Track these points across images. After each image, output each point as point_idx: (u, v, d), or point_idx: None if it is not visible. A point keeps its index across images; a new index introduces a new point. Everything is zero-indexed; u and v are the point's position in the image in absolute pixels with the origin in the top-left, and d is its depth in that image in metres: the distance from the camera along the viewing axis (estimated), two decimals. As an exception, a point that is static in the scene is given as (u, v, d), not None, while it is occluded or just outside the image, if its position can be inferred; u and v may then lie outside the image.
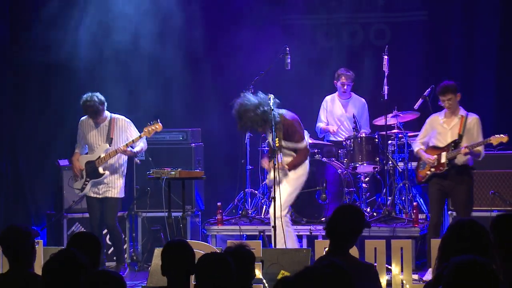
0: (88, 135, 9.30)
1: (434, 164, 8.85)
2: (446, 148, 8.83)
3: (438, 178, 8.87)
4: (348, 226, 5.24)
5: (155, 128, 9.23)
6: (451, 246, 4.45)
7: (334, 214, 5.34)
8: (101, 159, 9.20)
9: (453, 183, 8.79)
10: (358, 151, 10.16)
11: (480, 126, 8.84)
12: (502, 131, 9.54)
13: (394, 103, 10.26)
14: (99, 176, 9.26)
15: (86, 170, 9.30)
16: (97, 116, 9.19)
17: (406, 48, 11.74)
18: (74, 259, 4.40)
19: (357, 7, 12.06)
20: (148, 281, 7.76)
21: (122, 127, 9.32)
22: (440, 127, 8.91)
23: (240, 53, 11.72)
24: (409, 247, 8.02)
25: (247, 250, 5.27)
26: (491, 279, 3.50)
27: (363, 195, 10.23)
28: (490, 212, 9.73)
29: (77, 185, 9.42)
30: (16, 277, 5.19)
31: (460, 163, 8.77)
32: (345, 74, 10.72)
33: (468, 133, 8.77)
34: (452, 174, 8.78)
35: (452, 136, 8.82)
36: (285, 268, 7.50)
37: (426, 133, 9.07)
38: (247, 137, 10.48)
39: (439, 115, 8.99)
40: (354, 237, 5.31)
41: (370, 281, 5.17)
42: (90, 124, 9.31)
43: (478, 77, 11.57)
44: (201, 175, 9.46)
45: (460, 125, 8.79)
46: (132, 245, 10.59)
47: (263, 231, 9.68)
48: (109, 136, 9.23)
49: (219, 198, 10.54)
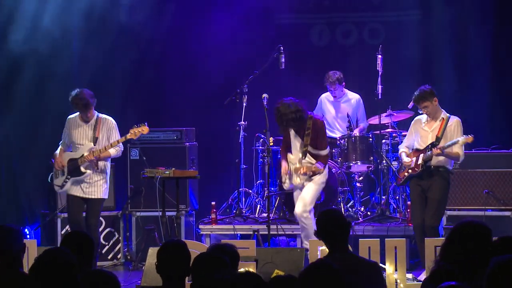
0: (73, 132, 9.12)
1: (411, 166, 8.86)
2: (424, 150, 8.81)
3: (416, 179, 8.81)
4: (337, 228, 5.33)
5: (141, 130, 9.07)
6: (455, 246, 4.47)
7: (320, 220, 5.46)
8: (84, 158, 9.04)
9: (429, 182, 8.74)
10: (352, 150, 10.18)
11: (461, 128, 8.75)
12: (495, 131, 9.60)
13: (388, 103, 10.27)
14: (80, 174, 9.05)
15: (68, 167, 9.11)
16: (87, 110, 8.99)
17: (400, 47, 11.75)
18: (61, 258, 4.37)
19: (351, 6, 12.07)
20: (142, 280, 7.76)
21: (109, 128, 9.16)
22: (422, 130, 8.89)
23: (234, 52, 11.73)
24: (403, 246, 8.02)
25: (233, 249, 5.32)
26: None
27: (357, 194, 10.24)
28: (484, 211, 9.75)
29: (57, 182, 9.20)
30: (6, 277, 5.16)
31: (434, 163, 8.74)
32: (327, 80, 10.65)
33: (447, 135, 8.73)
34: (426, 174, 8.74)
35: (432, 138, 8.79)
36: (279, 267, 7.51)
37: (411, 136, 9.05)
38: (241, 136, 10.49)
39: (422, 118, 8.95)
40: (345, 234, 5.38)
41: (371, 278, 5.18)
42: (77, 122, 9.16)
43: (472, 77, 11.58)
44: (195, 174, 9.46)
45: (440, 128, 8.77)
46: (126, 245, 10.59)
47: (257, 231, 9.68)
48: (94, 135, 9.08)
49: (213, 198, 10.53)
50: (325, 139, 8.96)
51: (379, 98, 10.16)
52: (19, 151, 11.18)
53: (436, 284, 4.03)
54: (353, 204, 10.34)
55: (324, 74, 10.88)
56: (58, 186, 9.21)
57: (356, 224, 9.67)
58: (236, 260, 5.31)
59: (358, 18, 12.13)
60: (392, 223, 9.76)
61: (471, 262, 4.34)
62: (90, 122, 9.11)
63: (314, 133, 8.82)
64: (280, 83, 11.13)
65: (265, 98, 9.60)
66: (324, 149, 8.89)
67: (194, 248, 7.04)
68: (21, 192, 11.19)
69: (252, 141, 10.64)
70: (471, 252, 4.34)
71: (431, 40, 11.81)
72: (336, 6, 12.07)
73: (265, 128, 9.24)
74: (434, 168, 8.73)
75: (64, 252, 4.44)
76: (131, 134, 9.08)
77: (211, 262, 4.64)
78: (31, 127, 11.18)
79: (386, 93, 10.21)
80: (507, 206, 9.86)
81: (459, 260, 4.42)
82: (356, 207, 10.22)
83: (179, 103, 11.88)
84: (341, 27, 12.17)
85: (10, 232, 5.29)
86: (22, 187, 11.19)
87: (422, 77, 11.06)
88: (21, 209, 11.18)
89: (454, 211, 9.88)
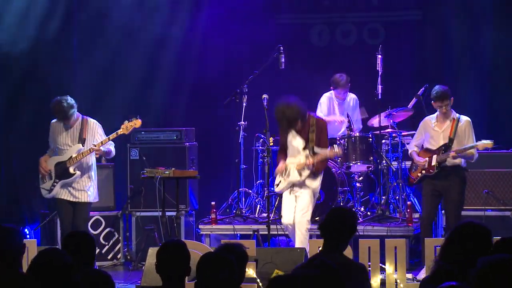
0: (58, 137, 9.02)
1: (424, 167, 8.92)
2: (437, 151, 8.89)
3: (430, 179, 8.95)
4: (342, 227, 5.35)
5: (133, 124, 8.94)
6: (454, 246, 4.48)
7: (329, 215, 5.44)
8: (72, 159, 8.91)
9: (445, 184, 8.86)
10: (352, 150, 10.18)
11: (472, 129, 8.89)
12: (495, 131, 9.59)
13: (388, 103, 10.27)
14: (70, 176, 8.94)
15: (56, 171, 9.01)
16: (67, 119, 8.90)
17: (400, 47, 11.75)
18: (57, 258, 4.37)
19: (350, 6, 12.07)
20: (142, 280, 7.75)
21: (92, 129, 9.07)
22: (432, 131, 8.97)
23: (234, 52, 11.73)
24: (403, 246, 8.03)
25: (242, 250, 5.31)
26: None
27: (357, 195, 10.24)
28: (484, 211, 9.75)
29: (45, 186, 9.11)
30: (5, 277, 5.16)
31: (450, 164, 8.84)
32: (342, 84, 10.57)
33: (459, 136, 8.82)
34: (442, 175, 8.87)
35: (444, 139, 8.88)
36: (279, 267, 7.50)
37: (420, 136, 9.15)
38: (241, 136, 10.49)
39: (431, 118, 9.02)
40: (348, 238, 5.42)
41: (358, 281, 5.20)
42: (60, 126, 9.08)
43: (472, 77, 11.58)
44: (195, 174, 9.46)
45: (451, 128, 8.85)
46: (126, 245, 10.59)
47: (257, 230, 9.68)
48: (81, 136, 8.96)
49: (213, 198, 10.53)
50: (327, 138, 8.91)
51: (379, 98, 10.16)
52: (19, 151, 11.17)
53: (436, 284, 4.03)
54: (353, 204, 10.33)
55: (324, 74, 10.88)
56: (46, 191, 9.08)
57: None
58: (243, 260, 5.31)
59: (358, 18, 12.13)
60: (392, 223, 9.76)
61: (471, 262, 4.33)
62: (75, 125, 9.00)
63: (318, 131, 8.75)
64: (280, 83, 11.13)
65: (265, 99, 9.59)
66: (326, 148, 8.84)
67: (194, 248, 7.04)
68: (21, 192, 11.18)
69: (252, 141, 10.63)
70: (471, 252, 4.35)
71: (431, 40, 11.81)
72: (336, 6, 12.07)
73: (265, 128, 9.22)
74: (450, 168, 8.82)
75: (60, 253, 4.43)
76: (122, 129, 8.93)
77: (216, 262, 4.63)
78: (32, 127, 11.17)
79: (386, 93, 10.21)
80: (507, 206, 9.87)
81: (459, 260, 4.43)
82: (356, 207, 10.21)
83: (179, 103, 11.87)
84: (341, 27, 12.17)
85: (10, 232, 5.29)
86: (22, 187, 11.18)
87: (422, 77, 11.07)
88: (21, 209, 11.17)
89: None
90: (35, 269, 4.34)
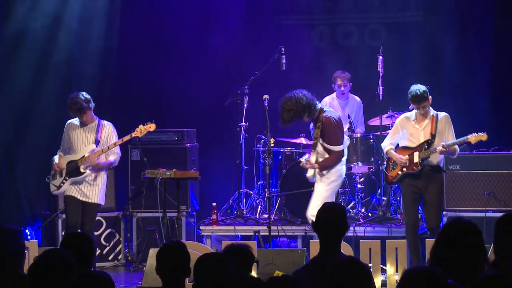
0: (73, 136, 9.07)
1: (406, 164, 8.78)
2: (418, 148, 8.70)
3: (410, 178, 8.71)
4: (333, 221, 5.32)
5: (148, 127, 9.05)
6: (445, 246, 4.42)
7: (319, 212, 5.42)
8: (84, 158, 8.96)
9: (425, 182, 8.66)
10: (353, 152, 10.17)
11: (451, 124, 8.71)
12: (497, 132, 9.56)
13: (389, 104, 10.26)
14: (80, 174, 8.98)
15: (67, 169, 9.06)
16: (82, 113, 8.94)
17: (401, 48, 11.74)
18: (59, 258, 4.36)
19: (352, 8, 12.07)
20: (143, 281, 7.76)
21: (107, 131, 9.10)
22: (412, 128, 8.76)
23: (235, 53, 11.73)
24: (404, 247, 8.04)
25: (248, 250, 5.33)
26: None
27: (358, 196, 10.24)
28: (485, 212, 9.74)
29: (55, 182, 9.13)
30: (6, 278, 5.16)
31: (433, 162, 8.71)
32: (340, 76, 10.71)
33: (440, 132, 8.69)
34: (424, 173, 8.65)
35: (425, 136, 8.68)
36: (280, 268, 7.51)
37: (396, 133, 8.89)
38: (242, 137, 10.49)
39: (410, 115, 8.83)
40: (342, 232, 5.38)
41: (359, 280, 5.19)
42: (76, 126, 9.13)
43: (473, 78, 11.58)
44: (196, 175, 9.46)
45: (432, 125, 8.68)
46: (127, 246, 10.59)
47: (258, 231, 9.69)
48: (96, 138, 9.04)
49: (214, 199, 10.54)
50: (334, 135, 8.62)
51: (380, 99, 10.15)
52: (20, 151, 11.18)
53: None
54: (354, 205, 10.34)
55: (325, 76, 10.89)
56: (56, 187, 9.13)
57: (357, 225, 9.67)
58: (249, 261, 5.32)
59: (359, 19, 12.12)
60: (393, 224, 9.76)
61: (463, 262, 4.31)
62: (90, 126, 9.07)
63: (324, 127, 8.63)
64: (281, 84, 11.12)
65: (266, 99, 9.59)
66: (334, 145, 8.60)
67: (195, 249, 7.05)
68: (22, 193, 11.18)
69: (253, 142, 10.64)
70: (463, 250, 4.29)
71: (431, 41, 11.80)
72: (337, 7, 12.07)
73: (266, 129, 9.22)
74: (432, 168, 8.68)
75: (63, 254, 4.43)
76: (136, 132, 9.04)
77: (213, 263, 4.64)
78: (32, 127, 11.18)
79: (387, 94, 10.20)
80: (508, 208, 9.83)
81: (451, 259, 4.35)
82: (357, 208, 10.22)
83: (180, 104, 11.87)
84: (342, 28, 12.17)
85: (10, 233, 5.28)
86: (23, 188, 11.19)
87: (422, 78, 11.04)
88: (22, 210, 11.18)
89: (455, 212, 9.86)
90: (37, 269, 4.34)
